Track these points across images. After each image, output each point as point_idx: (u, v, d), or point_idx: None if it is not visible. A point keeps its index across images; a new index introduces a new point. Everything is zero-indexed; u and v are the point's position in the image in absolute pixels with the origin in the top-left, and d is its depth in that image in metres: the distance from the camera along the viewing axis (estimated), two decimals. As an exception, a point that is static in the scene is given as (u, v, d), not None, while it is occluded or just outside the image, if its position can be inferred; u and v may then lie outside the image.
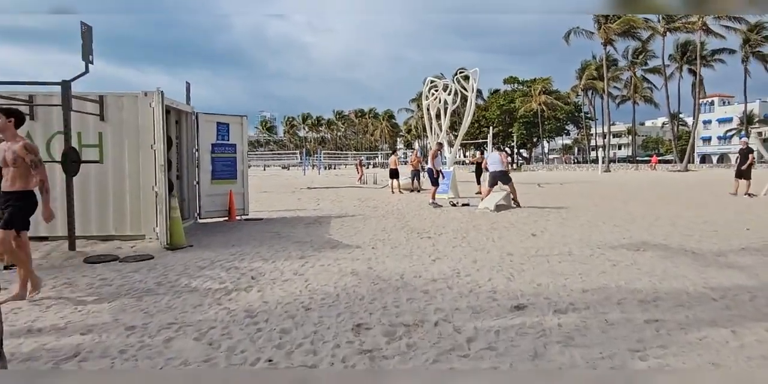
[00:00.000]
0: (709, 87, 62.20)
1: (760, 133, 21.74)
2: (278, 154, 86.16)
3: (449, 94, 24.61)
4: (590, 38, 43.32)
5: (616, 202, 12.54)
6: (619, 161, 67.58)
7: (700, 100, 65.56)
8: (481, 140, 49.84)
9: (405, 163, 21.64)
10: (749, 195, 13.31)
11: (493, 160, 11.44)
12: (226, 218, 9.49)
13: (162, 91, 6.56)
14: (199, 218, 9.22)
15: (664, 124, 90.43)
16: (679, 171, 37.13)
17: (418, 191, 17.45)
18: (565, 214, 9.97)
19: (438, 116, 26.20)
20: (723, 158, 76.54)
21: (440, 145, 12.09)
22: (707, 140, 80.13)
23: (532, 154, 70.76)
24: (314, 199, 14.78)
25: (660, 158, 77.85)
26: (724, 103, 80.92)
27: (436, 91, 25.09)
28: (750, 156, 14.03)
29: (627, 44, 52.78)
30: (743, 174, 13.78)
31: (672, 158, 69.86)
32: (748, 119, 71.20)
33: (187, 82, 9.36)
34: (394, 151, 19.65)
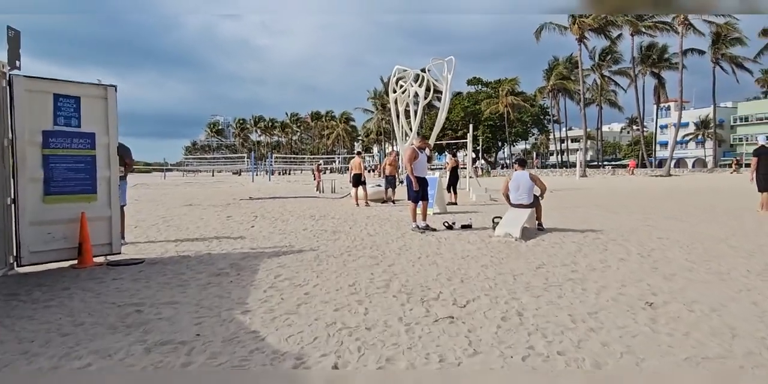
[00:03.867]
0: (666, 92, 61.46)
1: None
2: (229, 158, 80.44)
3: (420, 86, 21.17)
4: (563, 34, 41.01)
5: (669, 221, 9.20)
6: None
7: (658, 104, 65.29)
8: (445, 142, 46.81)
9: (372, 170, 17.88)
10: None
11: (524, 181, 7.75)
12: (75, 262, 5.43)
13: None
14: (17, 266, 5.12)
15: (622, 129, 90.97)
16: (661, 176, 35.08)
17: (393, 202, 13.74)
18: (629, 245, 6.48)
19: (407, 113, 22.67)
20: (679, 163, 77.04)
21: (424, 139, 8.36)
22: (664, 145, 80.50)
23: (496, 159, 68.38)
24: (251, 216, 10.77)
25: (617, 163, 77.66)
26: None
27: (405, 82, 21.55)
28: None
29: (599, 43, 51.31)
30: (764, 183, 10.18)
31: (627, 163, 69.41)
32: (704, 124, 71.90)
33: (12, 29, 5.25)
34: (358, 152, 15.80)
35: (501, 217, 7.82)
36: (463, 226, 8.28)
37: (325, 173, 47.58)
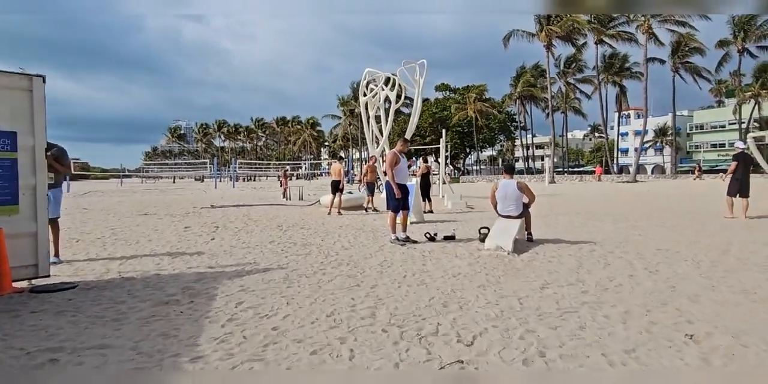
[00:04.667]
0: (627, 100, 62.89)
1: (758, 139, 19.49)
2: (192, 164, 77.92)
3: (392, 90, 20.58)
4: (530, 41, 41.37)
5: (658, 230, 8.79)
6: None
7: (618, 113, 66.91)
8: (414, 148, 46.43)
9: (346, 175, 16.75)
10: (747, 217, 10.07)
11: (511, 191, 7.12)
12: (-11, 289, 4.45)
13: None
14: None
15: (585, 136, 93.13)
16: (628, 182, 35.55)
17: (374, 210, 13.05)
18: (630, 258, 5.94)
19: (377, 118, 22.05)
20: (639, 169, 79.25)
21: (405, 142, 7.62)
22: (625, 152, 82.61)
23: (464, 165, 68.59)
24: (211, 226, 9.82)
25: (580, 170, 79.23)
26: (639, 116, 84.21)
27: (376, 86, 20.90)
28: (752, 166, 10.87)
29: (565, 51, 52.13)
30: (744, 189, 10.18)
31: (593, 169, 71.34)
32: (662, 131, 74.19)
33: None
34: (340, 158, 14.98)
35: (488, 228, 7.20)
36: (446, 238, 7.61)
37: (291, 179, 46.44)
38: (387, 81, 20.18)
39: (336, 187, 12.74)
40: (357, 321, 3.57)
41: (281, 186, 22.43)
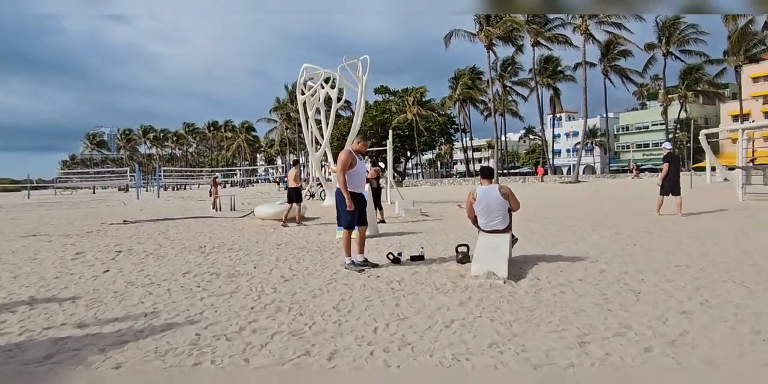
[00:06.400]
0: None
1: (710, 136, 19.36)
2: (115, 172, 72.06)
3: (333, 88, 18.94)
4: (472, 41, 40.94)
5: (649, 237, 7.73)
6: (486, 174, 67.40)
7: (551, 115, 68.77)
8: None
9: (279, 182, 14.35)
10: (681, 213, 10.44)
11: (494, 200, 5.62)
12: None
13: None
14: None
15: (520, 138, 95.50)
16: (571, 182, 35.72)
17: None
18: (657, 281, 4.68)
19: (317, 120, 20.34)
20: (571, 169, 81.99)
21: (364, 140, 5.98)
22: (557, 153, 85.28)
23: (405, 169, 67.75)
24: (113, 251, 7.75)
25: (518, 171, 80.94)
26: (570, 118, 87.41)
27: (315, 84, 19.16)
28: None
29: (505, 51, 52.52)
30: (675, 188, 10.53)
31: (530, 170, 73.32)
32: (592, 133, 77.21)
33: None
34: (295, 162, 12.96)
35: (467, 245, 5.76)
36: (414, 258, 6.09)
37: (224, 187, 43.47)
38: (327, 79, 18.52)
39: (298, 196, 11.14)
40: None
41: (210, 195, 20.11)
